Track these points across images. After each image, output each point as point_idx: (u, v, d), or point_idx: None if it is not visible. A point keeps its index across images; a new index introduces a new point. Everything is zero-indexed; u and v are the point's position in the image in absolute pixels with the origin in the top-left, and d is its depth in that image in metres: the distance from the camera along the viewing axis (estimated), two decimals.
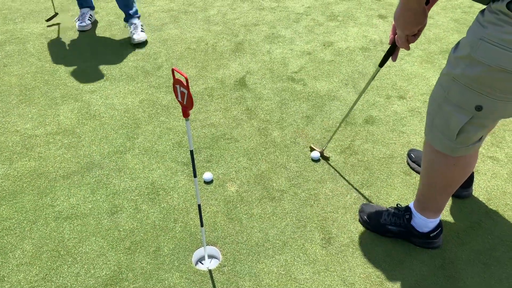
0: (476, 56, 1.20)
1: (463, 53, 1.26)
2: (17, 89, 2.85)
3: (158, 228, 1.94)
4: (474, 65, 1.22)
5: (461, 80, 1.28)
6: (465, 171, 1.56)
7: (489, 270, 1.77)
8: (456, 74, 1.29)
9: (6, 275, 1.74)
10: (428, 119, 1.50)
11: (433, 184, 1.64)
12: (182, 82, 1.22)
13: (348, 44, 3.38)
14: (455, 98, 1.33)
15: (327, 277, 1.74)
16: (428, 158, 1.59)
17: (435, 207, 1.71)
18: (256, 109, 2.69)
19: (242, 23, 3.67)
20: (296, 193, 2.12)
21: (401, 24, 1.40)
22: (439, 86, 1.41)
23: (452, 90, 1.33)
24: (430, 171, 1.61)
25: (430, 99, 1.48)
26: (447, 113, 1.38)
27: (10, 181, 2.18)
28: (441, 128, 1.43)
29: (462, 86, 1.29)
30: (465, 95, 1.29)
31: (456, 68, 1.29)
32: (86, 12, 3.54)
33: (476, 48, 1.19)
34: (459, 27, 3.60)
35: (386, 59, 1.78)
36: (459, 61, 1.27)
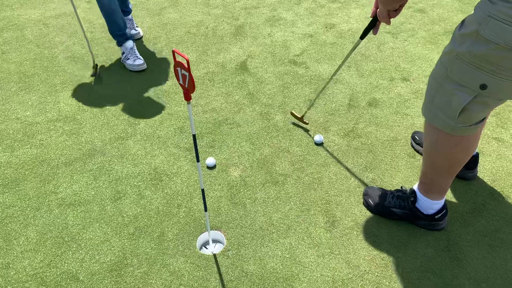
0: (484, 34, 1.17)
1: (469, 30, 1.22)
2: (16, 76, 2.82)
3: (161, 213, 1.94)
4: (481, 42, 1.19)
5: (466, 58, 1.25)
6: (467, 151, 1.54)
7: (494, 251, 1.76)
8: (461, 51, 1.26)
9: (11, 262, 1.75)
10: (427, 98, 1.48)
11: (435, 165, 1.62)
12: (183, 64, 1.19)
13: (350, 26, 3.32)
14: (458, 77, 1.31)
15: (331, 260, 1.74)
16: (430, 139, 1.57)
17: (439, 188, 1.70)
18: (258, 93, 2.66)
19: (242, 6, 3.61)
20: (300, 177, 2.11)
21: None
22: (440, 64, 1.39)
23: (455, 69, 1.30)
24: (432, 152, 1.60)
25: (430, 78, 1.46)
26: (448, 92, 1.36)
27: (12, 168, 2.17)
28: (442, 107, 1.41)
29: (466, 64, 1.26)
30: (469, 73, 1.26)
31: (461, 45, 1.26)
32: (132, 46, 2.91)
33: (484, 25, 1.16)
34: (463, 7, 3.53)
35: (367, 32, 1.81)
36: (465, 38, 1.24)
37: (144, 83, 2.76)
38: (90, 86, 2.74)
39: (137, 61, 2.84)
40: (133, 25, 3.20)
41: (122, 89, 2.71)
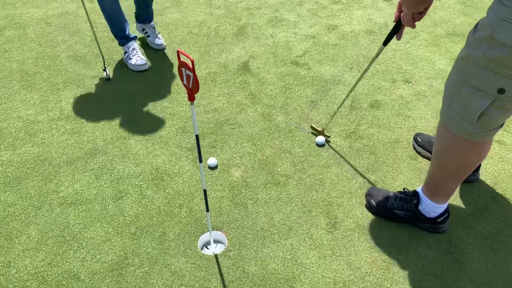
0: (499, 38, 1.16)
1: (483, 34, 1.21)
2: (18, 74, 2.82)
3: (163, 213, 1.94)
4: (496, 47, 1.18)
5: (482, 63, 1.24)
6: (480, 156, 1.53)
7: (496, 254, 1.76)
8: (476, 56, 1.24)
9: (12, 260, 1.75)
10: (445, 103, 1.46)
11: (445, 168, 1.60)
12: (188, 64, 1.19)
13: (352, 27, 3.32)
14: (475, 81, 1.29)
15: (333, 262, 1.74)
16: (443, 143, 1.55)
17: (445, 192, 1.69)
18: (260, 94, 2.66)
19: (244, 6, 3.61)
20: (301, 178, 2.11)
21: (407, 2, 1.38)
22: (456, 69, 1.37)
23: (472, 73, 1.28)
24: (445, 155, 1.58)
25: (447, 82, 1.44)
26: (466, 97, 1.34)
27: (14, 167, 2.17)
28: (460, 112, 1.39)
29: (483, 69, 1.24)
30: (486, 77, 1.25)
31: (476, 50, 1.24)
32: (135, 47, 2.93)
33: (498, 29, 1.15)
34: (466, 9, 3.54)
35: (391, 38, 1.75)
36: (480, 43, 1.23)
37: (146, 82, 2.76)
38: (92, 85, 2.73)
39: (139, 61, 2.84)
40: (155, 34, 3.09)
41: (124, 89, 2.71)
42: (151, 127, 2.41)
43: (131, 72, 2.85)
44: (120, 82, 2.77)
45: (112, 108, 2.55)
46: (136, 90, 2.70)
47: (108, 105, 2.57)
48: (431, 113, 2.49)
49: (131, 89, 2.70)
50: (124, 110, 2.54)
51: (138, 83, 2.76)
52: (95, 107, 2.56)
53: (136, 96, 2.65)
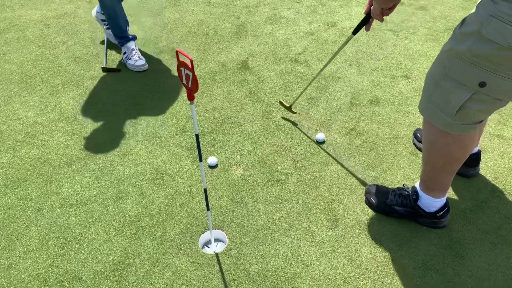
0: (486, 34, 1.16)
1: (471, 29, 1.22)
2: (18, 77, 2.82)
3: (163, 213, 1.94)
4: (483, 42, 1.18)
5: (465, 57, 1.25)
6: (465, 149, 1.54)
7: (496, 249, 1.76)
8: (461, 50, 1.26)
9: (13, 262, 1.75)
10: (425, 96, 1.49)
11: (434, 163, 1.62)
12: (187, 64, 1.19)
13: (351, 23, 3.31)
14: (457, 75, 1.31)
15: (334, 259, 1.74)
16: (428, 137, 1.58)
17: (440, 186, 1.70)
18: (260, 92, 2.66)
19: (243, 4, 3.61)
20: (301, 175, 2.10)
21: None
22: (438, 62, 1.39)
23: (454, 67, 1.30)
24: (431, 150, 1.60)
25: (427, 75, 1.46)
26: (446, 90, 1.36)
27: (14, 169, 2.17)
28: (440, 105, 1.41)
29: (466, 63, 1.26)
30: (468, 71, 1.26)
31: (461, 44, 1.26)
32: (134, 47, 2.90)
33: (486, 25, 1.16)
34: (465, 3, 3.52)
35: (360, 28, 1.83)
36: (466, 37, 1.24)
37: (145, 82, 2.76)
38: (91, 86, 2.74)
39: (138, 61, 2.84)
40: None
41: (123, 89, 2.71)
42: (151, 127, 2.42)
43: (130, 73, 2.86)
44: (119, 82, 2.77)
45: (111, 108, 2.55)
46: (136, 90, 2.70)
47: (107, 106, 2.57)
48: None
49: (130, 90, 2.71)
50: (123, 110, 2.54)
51: (138, 83, 2.76)
52: (94, 108, 2.56)
53: (135, 96, 2.65)
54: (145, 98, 2.63)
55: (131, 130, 2.40)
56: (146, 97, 2.64)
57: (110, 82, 2.77)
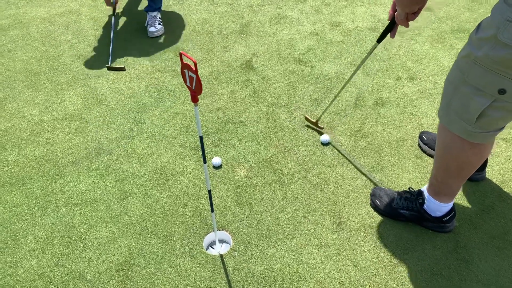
0: (503, 38, 1.14)
1: (487, 34, 1.20)
2: (23, 74, 2.82)
3: (168, 213, 1.94)
4: (500, 47, 1.16)
5: (483, 63, 1.23)
6: (481, 155, 1.52)
7: (503, 254, 1.75)
8: (478, 56, 1.23)
9: (19, 261, 1.75)
10: (444, 102, 1.45)
11: (447, 167, 1.60)
12: (191, 66, 1.19)
13: (356, 24, 3.30)
14: (475, 81, 1.28)
15: (338, 262, 1.74)
16: (443, 141, 1.55)
17: (449, 191, 1.68)
18: (264, 93, 2.65)
19: (247, 3, 3.60)
20: (306, 177, 2.10)
21: (401, 2, 1.40)
22: (456, 68, 1.36)
23: (472, 73, 1.28)
24: (445, 154, 1.57)
25: (446, 81, 1.43)
26: (466, 96, 1.33)
27: (19, 167, 2.17)
28: (459, 112, 1.38)
29: (484, 69, 1.23)
30: (487, 78, 1.24)
31: (478, 50, 1.23)
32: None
33: (502, 29, 1.14)
34: (471, 5, 3.50)
35: (385, 35, 1.78)
36: (482, 42, 1.22)
37: (149, 81, 2.76)
38: (96, 84, 2.73)
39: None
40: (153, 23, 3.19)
41: (128, 88, 2.71)
42: (155, 126, 2.41)
43: (135, 71, 2.85)
44: (124, 81, 2.77)
45: (116, 107, 2.55)
46: (140, 89, 2.70)
47: (112, 104, 2.57)
48: (436, 111, 2.47)
49: (135, 88, 2.70)
50: (128, 109, 2.53)
51: (142, 82, 2.75)
52: (99, 106, 2.56)
53: (139, 95, 2.65)
54: (149, 97, 2.63)
55: (135, 129, 2.39)
56: (150, 96, 2.63)
57: (115, 81, 2.77)
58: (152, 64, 2.91)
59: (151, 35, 3.17)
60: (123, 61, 2.95)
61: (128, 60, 2.95)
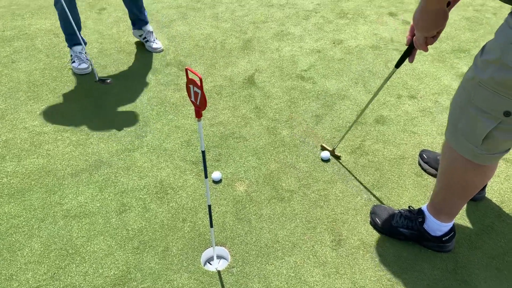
0: (507, 61, 1.15)
1: (492, 57, 1.20)
2: (26, 85, 2.84)
3: (166, 227, 1.93)
4: (505, 70, 1.17)
5: (488, 85, 1.23)
6: (485, 177, 1.51)
7: (502, 275, 1.74)
8: (483, 78, 1.24)
9: (14, 273, 1.74)
10: (451, 123, 1.45)
11: (450, 187, 1.59)
12: (196, 82, 1.20)
13: (358, 42, 3.34)
14: (481, 103, 1.28)
15: (337, 280, 1.72)
16: (448, 161, 1.54)
17: (450, 211, 1.67)
18: (265, 108, 2.66)
19: (250, 20, 3.64)
20: (306, 193, 2.09)
21: (420, 26, 1.36)
22: (462, 90, 1.36)
23: (478, 95, 1.28)
24: (449, 174, 1.57)
25: (452, 103, 1.43)
26: (472, 118, 1.33)
27: (19, 178, 2.17)
28: (466, 133, 1.38)
29: (489, 91, 1.23)
30: (493, 100, 1.24)
31: (483, 72, 1.23)
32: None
33: (507, 52, 1.15)
34: (471, 25, 3.55)
35: (403, 60, 1.73)
36: (487, 65, 1.22)
37: (151, 95, 2.77)
38: (98, 97, 2.75)
39: (81, 64, 2.94)
40: (154, 39, 3.22)
41: (129, 101, 2.72)
42: (156, 139, 2.42)
43: (137, 85, 2.87)
44: (126, 94, 2.78)
45: (117, 120, 2.56)
46: (142, 102, 2.71)
47: (113, 117, 2.58)
48: (436, 130, 2.48)
49: (136, 102, 2.72)
50: (129, 122, 2.54)
51: (144, 95, 2.77)
52: (100, 119, 2.57)
53: (141, 108, 2.66)
54: (151, 110, 2.64)
55: (136, 142, 2.40)
56: (152, 110, 2.64)
57: (117, 93, 2.78)
58: (155, 77, 2.93)
59: (155, 51, 3.19)
60: (126, 74, 2.97)
61: (130, 73, 2.98)
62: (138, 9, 3.09)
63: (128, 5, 3.07)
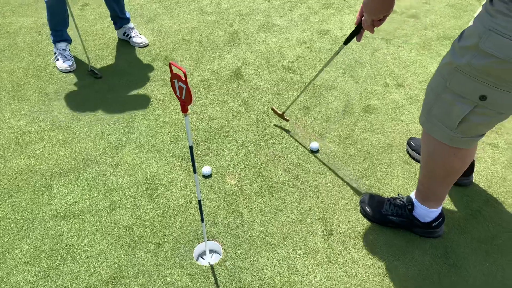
0: (484, 47, 1.17)
1: (469, 43, 1.22)
2: (9, 85, 2.79)
3: (157, 224, 1.92)
4: (482, 56, 1.19)
5: (465, 70, 1.25)
6: (465, 161, 1.54)
7: (491, 258, 1.77)
8: (460, 64, 1.26)
9: (4, 276, 1.72)
10: (425, 109, 1.48)
11: (433, 174, 1.62)
12: (180, 76, 1.18)
13: (344, 32, 3.33)
14: (457, 88, 1.31)
15: (329, 269, 1.73)
16: (427, 148, 1.57)
17: (436, 197, 1.70)
18: (253, 101, 2.66)
19: (236, 12, 3.61)
20: (296, 185, 2.10)
21: (368, 9, 1.46)
22: (438, 75, 1.39)
23: (454, 80, 1.30)
24: (430, 161, 1.60)
25: (427, 88, 1.46)
26: (447, 103, 1.36)
27: (5, 179, 2.14)
28: (441, 118, 1.41)
29: (466, 76, 1.26)
30: (469, 85, 1.27)
31: (461, 58, 1.26)
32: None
33: (484, 38, 1.16)
34: (456, 12, 3.56)
35: (351, 38, 1.84)
36: (465, 51, 1.24)
37: (138, 91, 2.75)
38: (84, 95, 2.71)
39: (66, 62, 2.91)
40: (137, 34, 3.19)
41: (116, 98, 2.69)
42: (144, 136, 2.40)
43: (124, 82, 2.84)
44: (112, 91, 2.75)
45: (104, 117, 2.53)
46: (129, 98, 2.68)
47: (100, 115, 2.55)
48: None
49: (123, 98, 2.69)
50: (116, 119, 2.52)
51: (131, 92, 2.74)
52: (87, 117, 2.54)
53: (128, 104, 2.63)
54: (139, 106, 2.61)
55: (124, 139, 2.38)
56: (139, 106, 2.62)
57: (103, 91, 2.75)
58: (141, 73, 2.90)
59: (140, 45, 3.16)
60: (111, 70, 2.93)
61: (116, 70, 2.94)
62: (120, 9, 3.07)
63: (109, 4, 3.03)
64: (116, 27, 3.19)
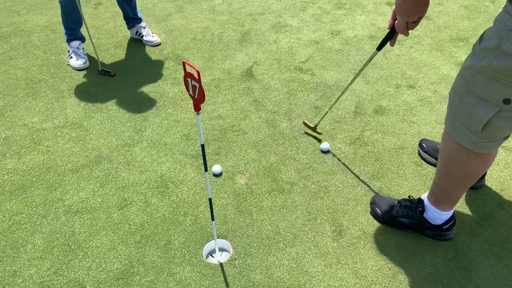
0: (506, 48, 1.15)
1: (490, 44, 1.20)
2: (24, 82, 2.83)
3: (168, 221, 1.94)
4: (503, 57, 1.17)
5: (488, 73, 1.23)
6: (486, 165, 1.52)
7: (502, 262, 1.75)
8: (482, 66, 1.24)
9: (18, 270, 1.75)
10: (450, 112, 1.45)
11: (450, 176, 1.59)
12: (194, 75, 1.20)
13: (356, 32, 3.32)
14: (480, 91, 1.28)
15: (338, 270, 1.73)
16: (448, 150, 1.54)
17: (450, 200, 1.68)
18: (264, 100, 2.66)
19: (247, 12, 3.62)
20: (306, 185, 2.10)
21: (401, 11, 1.41)
22: (461, 78, 1.36)
23: (477, 83, 1.28)
24: (449, 163, 1.57)
25: (451, 91, 1.44)
26: (471, 106, 1.33)
27: (19, 175, 2.17)
28: (465, 122, 1.38)
29: (488, 79, 1.24)
30: (492, 87, 1.24)
31: (482, 60, 1.24)
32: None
33: (506, 39, 1.14)
34: (470, 13, 3.53)
35: (385, 43, 1.79)
36: (486, 53, 1.22)
37: (150, 89, 2.77)
38: (96, 92, 2.75)
39: (79, 60, 2.94)
40: (149, 32, 3.22)
41: (128, 96, 2.72)
42: (155, 134, 2.42)
43: (136, 80, 2.86)
44: (124, 89, 2.78)
45: (116, 115, 2.56)
46: (141, 97, 2.71)
47: (112, 112, 2.58)
48: (435, 119, 2.48)
49: (135, 97, 2.71)
50: (128, 117, 2.54)
51: (143, 90, 2.76)
52: (100, 114, 2.57)
53: (140, 102, 2.66)
54: (150, 104, 2.64)
55: (136, 137, 2.40)
56: (151, 104, 2.64)
57: (116, 89, 2.78)
58: (153, 72, 2.93)
59: (152, 44, 3.19)
60: (124, 69, 2.96)
61: (128, 68, 2.97)
62: (132, 10, 3.11)
63: (122, 5, 3.06)
64: (129, 26, 3.22)
